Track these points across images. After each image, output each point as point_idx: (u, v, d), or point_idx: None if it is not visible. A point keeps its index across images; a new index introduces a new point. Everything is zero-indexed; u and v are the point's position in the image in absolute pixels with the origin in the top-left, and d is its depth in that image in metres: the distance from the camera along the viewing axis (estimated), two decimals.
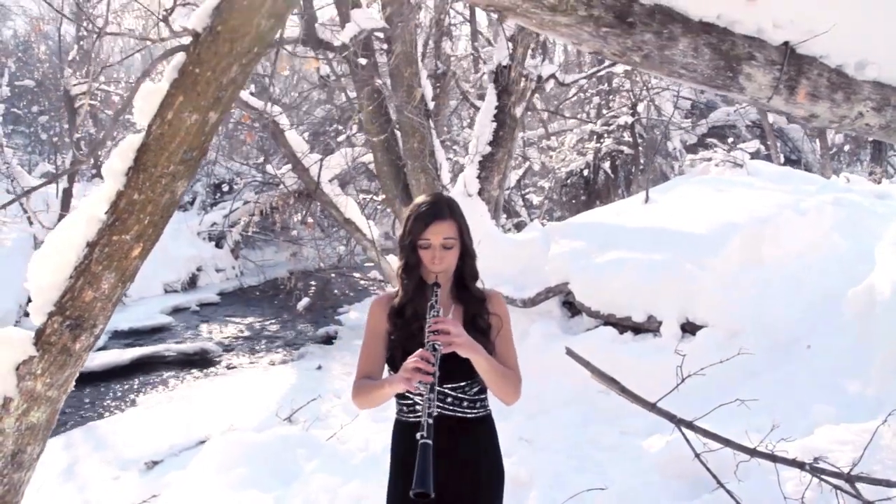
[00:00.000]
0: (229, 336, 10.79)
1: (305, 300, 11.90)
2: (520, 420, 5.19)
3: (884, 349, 4.28)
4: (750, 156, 8.76)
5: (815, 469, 2.81)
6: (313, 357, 9.29)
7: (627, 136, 13.19)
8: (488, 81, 7.99)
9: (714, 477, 2.91)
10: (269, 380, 8.31)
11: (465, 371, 2.15)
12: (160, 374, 8.78)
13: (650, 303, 5.88)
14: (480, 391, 2.26)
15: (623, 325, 6.06)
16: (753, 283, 5.71)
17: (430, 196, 2.28)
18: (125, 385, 8.38)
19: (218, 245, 15.52)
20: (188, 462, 5.49)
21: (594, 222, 7.46)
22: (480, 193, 7.69)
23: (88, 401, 7.81)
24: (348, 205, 8.90)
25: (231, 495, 4.56)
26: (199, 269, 14.77)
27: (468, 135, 11.44)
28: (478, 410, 2.25)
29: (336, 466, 4.90)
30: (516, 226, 12.02)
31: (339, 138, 10.92)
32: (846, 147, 15.04)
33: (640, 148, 13.32)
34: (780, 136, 14.05)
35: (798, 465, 2.84)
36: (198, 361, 9.30)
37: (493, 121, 7.76)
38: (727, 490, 2.89)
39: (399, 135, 8.37)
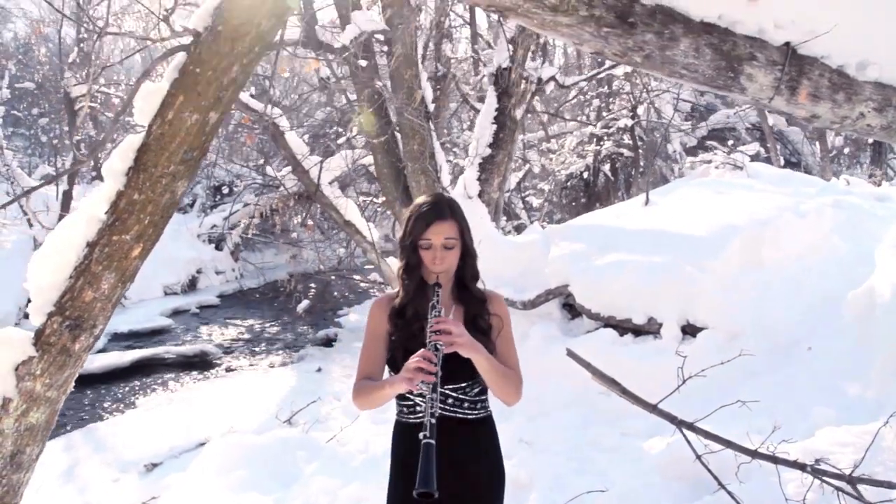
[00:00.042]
0: (229, 338, 10.78)
1: (305, 302, 11.89)
2: (520, 422, 5.18)
3: (884, 351, 4.27)
4: (750, 158, 8.76)
5: (817, 471, 2.80)
6: (313, 359, 9.28)
7: (627, 139, 13.20)
8: (488, 83, 8.00)
9: (715, 478, 2.90)
10: (269, 382, 8.30)
11: (466, 372, 2.14)
12: (160, 377, 8.76)
13: (650, 305, 5.87)
14: (481, 392, 2.26)
15: (623, 328, 6.05)
16: (753, 286, 5.71)
17: (431, 196, 2.28)
18: (125, 387, 8.36)
19: (218, 247, 15.52)
20: (188, 464, 5.49)
21: (594, 224, 7.46)
22: (480, 195, 7.69)
23: (88, 403, 7.80)
24: (348, 207, 8.89)
25: (231, 497, 4.56)
26: (199, 272, 14.77)
27: (468, 137, 11.44)
28: (478, 411, 2.25)
29: (336, 468, 4.89)
30: (516, 228, 12.02)
31: (340, 140, 10.91)
32: (846, 149, 15.05)
33: (640, 150, 13.33)
34: (780, 139, 14.05)
35: (799, 467, 2.83)
36: (197, 364, 9.29)
37: (493, 123, 7.76)
38: (728, 491, 2.88)
39: (399, 137, 8.37)
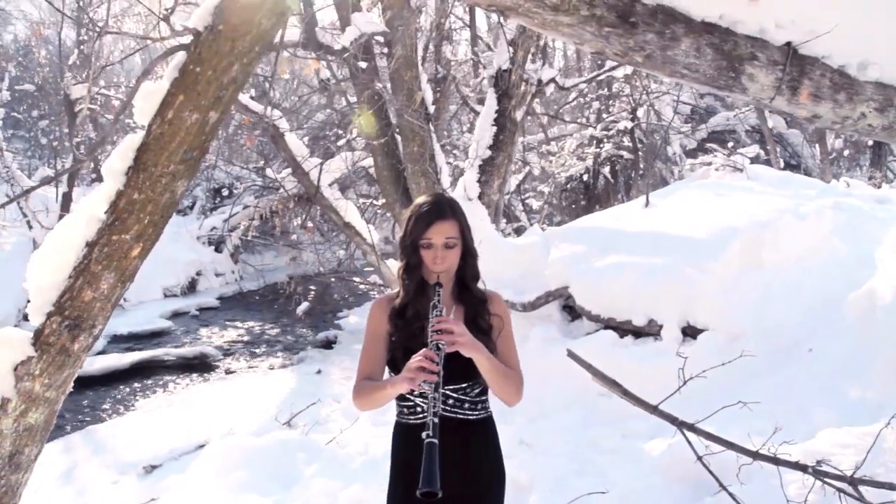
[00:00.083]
0: (229, 340, 10.77)
1: (305, 304, 11.88)
2: (520, 423, 5.17)
3: (885, 353, 4.27)
4: (750, 160, 8.77)
5: (818, 472, 2.79)
6: (313, 361, 9.26)
7: (627, 141, 13.19)
8: (488, 85, 8.00)
9: (716, 479, 2.90)
10: (269, 384, 8.28)
11: (467, 372, 2.14)
12: (159, 379, 8.75)
13: (651, 307, 5.87)
14: (481, 393, 2.25)
15: (623, 329, 6.04)
16: (754, 287, 5.70)
17: (432, 196, 2.27)
18: (124, 389, 8.35)
19: (217, 249, 15.50)
20: (187, 466, 5.48)
21: (594, 226, 7.46)
22: (480, 197, 7.68)
23: (87, 404, 7.78)
24: (348, 209, 8.89)
25: (230, 499, 4.55)
26: (199, 274, 14.74)
27: (468, 139, 11.44)
28: (479, 412, 2.24)
29: (336, 470, 4.89)
30: (516, 230, 12.01)
31: (340, 142, 10.92)
32: (846, 152, 15.05)
33: (640, 153, 13.32)
34: (780, 141, 14.06)
35: (801, 468, 2.82)
36: (197, 366, 9.28)
37: (494, 125, 7.76)
38: (730, 493, 2.87)
39: (399, 139, 8.37)
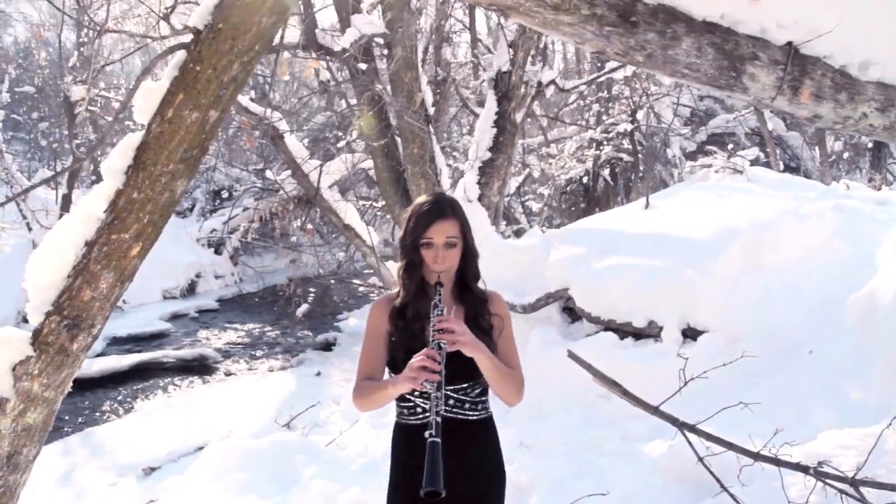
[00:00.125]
0: (228, 342, 10.75)
1: (304, 307, 11.87)
2: (520, 425, 5.17)
3: (886, 354, 4.26)
4: (749, 163, 8.76)
5: (820, 473, 2.78)
6: (312, 363, 9.25)
7: (627, 144, 13.20)
8: (488, 87, 8.00)
9: (717, 481, 2.88)
10: (268, 386, 8.27)
11: (467, 373, 2.13)
12: (159, 381, 8.74)
13: (651, 308, 5.86)
14: (482, 393, 2.24)
15: (623, 331, 6.04)
16: (754, 289, 5.69)
17: (432, 196, 2.27)
18: (123, 391, 8.34)
19: (217, 251, 15.49)
20: (186, 468, 5.46)
21: (594, 228, 7.45)
22: (480, 199, 7.68)
23: (86, 406, 7.77)
24: (348, 211, 8.89)
25: (229, 501, 4.53)
26: (198, 276, 14.73)
27: (468, 141, 11.46)
28: (479, 412, 2.23)
29: (335, 472, 4.88)
30: (516, 233, 12.00)
31: (339, 144, 10.91)
32: (845, 154, 15.07)
33: (640, 155, 13.33)
34: (780, 144, 14.06)
35: (802, 469, 2.81)
36: (196, 368, 9.26)
37: (493, 126, 7.76)
38: (731, 494, 2.86)
39: (399, 140, 8.37)
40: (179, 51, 2.23)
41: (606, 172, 14.18)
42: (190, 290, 14.34)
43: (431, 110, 8.22)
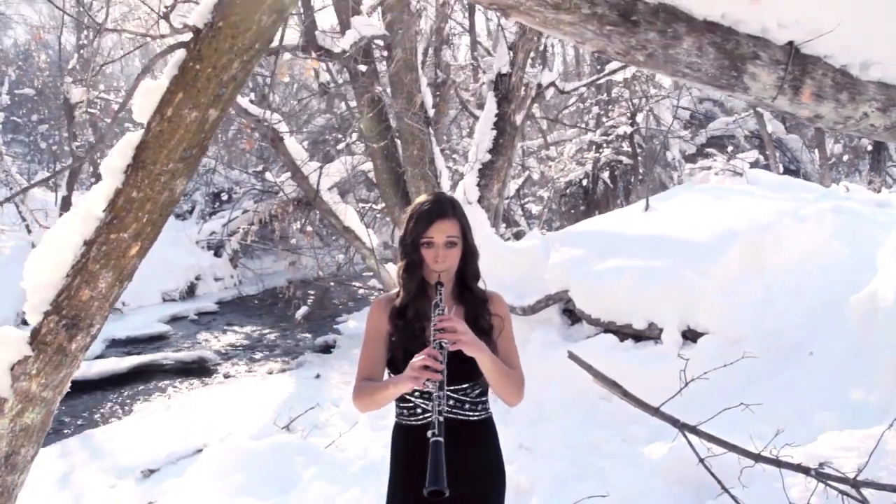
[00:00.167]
0: (227, 345, 10.74)
1: (304, 309, 11.86)
2: (520, 427, 5.16)
3: (886, 356, 4.24)
4: (749, 166, 8.76)
5: (821, 474, 2.77)
6: (312, 366, 9.23)
7: (626, 146, 13.21)
8: (488, 89, 8.00)
9: (718, 482, 2.87)
10: (267, 388, 8.25)
11: (467, 373, 2.12)
12: (158, 383, 8.72)
13: (651, 310, 5.85)
14: (482, 394, 2.24)
15: (623, 333, 6.02)
16: (754, 290, 5.69)
17: (432, 195, 2.26)
18: (122, 393, 8.32)
19: (216, 254, 15.49)
20: (185, 470, 5.45)
21: (594, 230, 7.45)
22: (480, 201, 7.68)
23: (85, 409, 7.75)
24: (347, 213, 8.88)
25: (228, 502, 4.52)
26: (198, 278, 14.73)
27: (467, 144, 11.45)
28: (480, 413, 2.23)
29: (334, 474, 4.87)
30: (515, 235, 12.00)
31: (339, 146, 10.91)
32: (845, 157, 15.09)
33: (639, 158, 13.34)
34: (779, 146, 14.08)
35: (803, 471, 2.80)
36: (196, 370, 9.24)
37: (493, 128, 7.76)
38: (732, 495, 2.85)
39: (399, 142, 8.37)
40: (179, 49, 2.22)
41: (606, 175, 14.18)
42: (189, 293, 14.33)
43: (431, 112, 8.22)
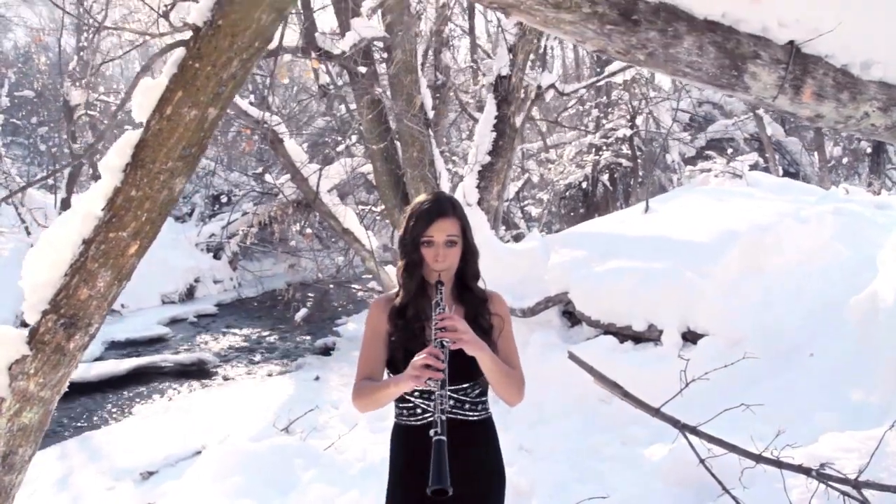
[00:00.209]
0: (227, 347, 10.72)
1: (303, 311, 11.85)
2: (520, 429, 5.14)
3: (887, 357, 4.24)
4: (749, 168, 8.77)
5: (822, 475, 2.76)
6: (311, 368, 9.22)
7: (626, 149, 13.22)
8: (488, 91, 7.99)
9: (719, 483, 2.86)
10: (267, 391, 8.24)
11: (467, 373, 2.11)
12: (157, 385, 8.70)
13: (651, 312, 5.83)
14: (482, 394, 2.23)
15: (623, 335, 6.01)
16: (754, 292, 5.69)
17: (432, 194, 2.25)
18: (121, 395, 8.31)
19: (216, 256, 15.49)
20: (184, 472, 5.44)
21: (594, 232, 7.44)
22: (480, 203, 7.67)
23: (84, 411, 7.74)
24: (347, 215, 8.88)
25: None
26: (197, 281, 14.72)
27: (467, 146, 11.45)
28: (479, 413, 2.22)
29: (334, 476, 4.85)
30: (515, 238, 11.99)
31: (339, 148, 10.91)
32: (844, 159, 15.09)
33: (639, 160, 13.34)
34: (779, 149, 14.08)
35: (804, 472, 2.79)
36: (195, 372, 9.23)
37: (493, 130, 7.75)
38: (733, 496, 2.84)
39: (398, 144, 8.36)
40: (178, 48, 2.22)
41: (606, 178, 14.19)
42: (189, 295, 14.33)
43: (431, 114, 8.22)
